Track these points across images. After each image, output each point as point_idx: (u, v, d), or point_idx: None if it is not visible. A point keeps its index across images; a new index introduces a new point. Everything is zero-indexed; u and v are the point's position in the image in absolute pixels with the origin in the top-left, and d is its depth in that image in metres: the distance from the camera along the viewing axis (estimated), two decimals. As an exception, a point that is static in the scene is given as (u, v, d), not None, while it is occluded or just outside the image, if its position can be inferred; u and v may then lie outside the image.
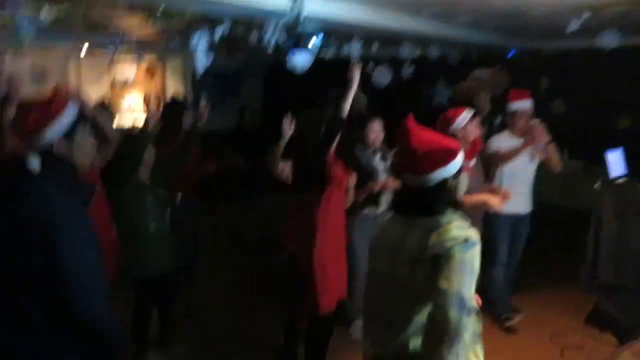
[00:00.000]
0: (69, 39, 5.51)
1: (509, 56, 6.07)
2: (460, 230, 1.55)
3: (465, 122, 3.02)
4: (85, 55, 6.78)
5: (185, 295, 3.85)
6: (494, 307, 3.68)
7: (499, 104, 4.54)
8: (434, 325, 1.52)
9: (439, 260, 1.51)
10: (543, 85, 5.91)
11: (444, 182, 1.62)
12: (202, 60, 3.30)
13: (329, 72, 4.13)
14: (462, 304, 1.46)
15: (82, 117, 1.70)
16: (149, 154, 2.83)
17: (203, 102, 3.23)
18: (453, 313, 1.46)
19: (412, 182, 1.64)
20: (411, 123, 1.64)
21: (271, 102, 7.94)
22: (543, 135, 3.40)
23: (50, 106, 1.65)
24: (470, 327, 1.62)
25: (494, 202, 3.09)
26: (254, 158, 5.31)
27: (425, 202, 1.62)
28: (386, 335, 1.70)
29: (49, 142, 1.57)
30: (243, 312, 4.02)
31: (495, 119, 4.55)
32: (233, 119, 6.31)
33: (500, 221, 3.52)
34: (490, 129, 4.40)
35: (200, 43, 3.25)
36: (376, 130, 3.45)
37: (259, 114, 7.48)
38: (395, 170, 3.44)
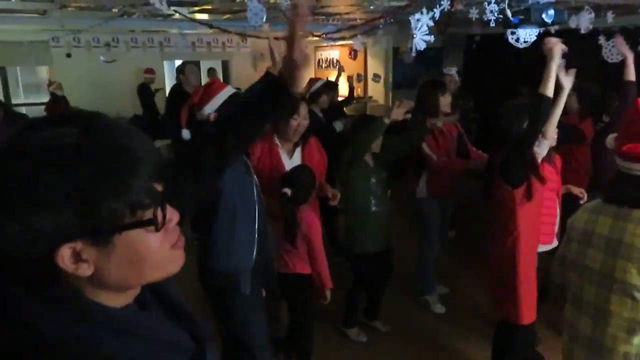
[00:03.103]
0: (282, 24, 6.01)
1: None
2: None
3: None
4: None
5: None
6: None
7: None
8: None
9: None
10: None
11: None
12: (421, 39, 3.27)
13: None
14: None
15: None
16: (379, 139, 2.94)
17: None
18: None
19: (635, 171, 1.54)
20: None
21: (474, 78, 7.58)
22: None
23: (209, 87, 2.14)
24: None
25: None
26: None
27: None
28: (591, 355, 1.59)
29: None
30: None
31: None
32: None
33: None
34: None
35: (421, 22, 3.23)
36: None
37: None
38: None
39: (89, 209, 0.65)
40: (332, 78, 8.57)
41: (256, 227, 2.22)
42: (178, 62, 10.76)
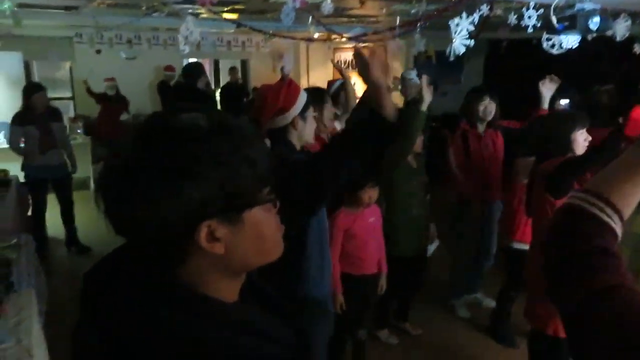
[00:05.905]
0: (305, 26, 6.00)
1: None
2: None
3: None
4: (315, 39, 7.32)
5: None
6: None
7: None
8: None
9: None
10: None
11: None
12: (460, 44, 3.26)
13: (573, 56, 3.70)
14: None
15: None
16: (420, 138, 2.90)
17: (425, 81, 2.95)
18: None
19: None
20: None
21: (496, 84, 7.57)
22: None
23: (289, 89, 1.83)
24: None
25: None
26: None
27: None
28: None
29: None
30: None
31: None
32: (455, 103, 6.16)
33: None
34: None
35: (461, 26, 3.21)
36: None
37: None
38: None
39: (232, 181, 0.70)
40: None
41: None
42: (192, 60, 10.80)
